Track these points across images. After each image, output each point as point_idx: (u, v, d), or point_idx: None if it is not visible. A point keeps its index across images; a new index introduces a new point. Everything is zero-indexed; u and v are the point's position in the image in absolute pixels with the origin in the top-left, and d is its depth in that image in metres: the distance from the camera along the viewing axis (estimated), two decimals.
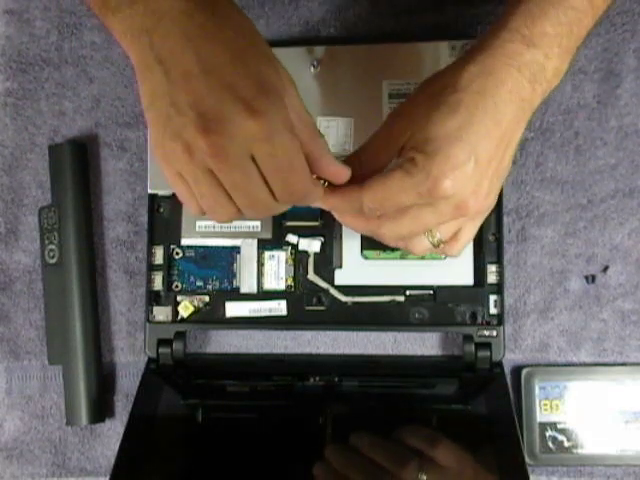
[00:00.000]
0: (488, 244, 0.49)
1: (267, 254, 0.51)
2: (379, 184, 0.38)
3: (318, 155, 0.37)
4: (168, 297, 0.51)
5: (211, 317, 0.51)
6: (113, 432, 0.53)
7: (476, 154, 0.37)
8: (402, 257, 0.50)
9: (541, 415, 0.49)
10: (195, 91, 0.34)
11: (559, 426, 0.49)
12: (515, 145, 0.39)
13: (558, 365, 0.50)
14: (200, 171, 0.35)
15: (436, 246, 0.41)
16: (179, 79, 0.34)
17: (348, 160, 0.40)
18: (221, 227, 0.51)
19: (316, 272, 0.51)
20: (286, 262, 0.51)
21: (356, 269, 0.50)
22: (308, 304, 0.50)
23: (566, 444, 0.49)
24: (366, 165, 0.40)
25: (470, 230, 0.42)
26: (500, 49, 0.37)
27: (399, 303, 0.50)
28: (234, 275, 0.51)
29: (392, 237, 0.40)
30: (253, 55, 0.35)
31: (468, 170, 0.37)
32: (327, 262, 0.51)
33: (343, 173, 0.39)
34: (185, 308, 0.51)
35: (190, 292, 0.51)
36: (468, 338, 0.48)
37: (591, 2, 0.38)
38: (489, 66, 0.37)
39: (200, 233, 0.51)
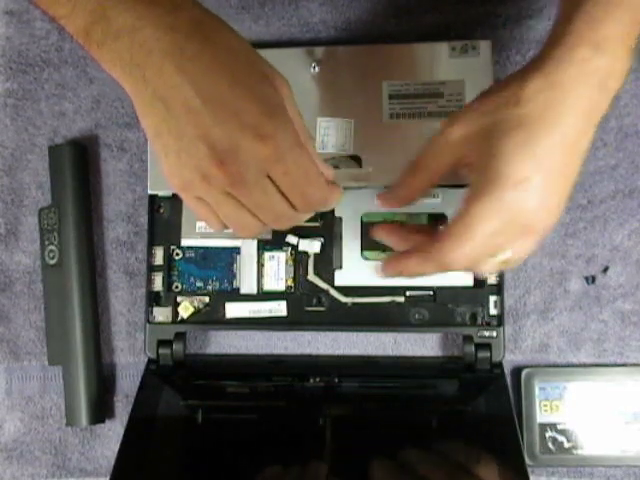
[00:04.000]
0: None
1: (267, 255, 0.51)
2: (461, 227, 0.37)
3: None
4: (168, 298, 0.51)
5: (211, 318, 0.51)
6: (113, 433, 0.53)
7: (544, 169, 0.36)
8: None
9: (541, 416, 0.49)
10: (201, 124, 0.34)
11: (559, 427, 0.49)
12: (583, 155, 0.37)
13: (558, 366, 0.50)
14: (221, 195, 0.36)
15: (504, 263, 0.39)
16: (182, 114, 0.34)
17: (408, 170, 0.40)
18: None
19: (316, 273, 0.51)
20: (286, 263, 0.51)
21: (356, 270, 0.50)
22: (308, 305, 0.50)
23: (566, 445, 0.49)
24: (423, 173, 0.40)
25: (534, 245, 0.39)
26: (567, 57, 0.36)
27: (399, 304, 0.50)
28: (234, 276, 0.51)
29: (462, 266, 0.38)
30: (250, 75, 0.35)
31: (535, 186, 0.35)
32: (327, 263, 0.51)
33: (329, 174, 0.40)
34: (185, 309, 0.51)
35: (190, 293, 0.51)
36: (468, 339, 0.48)
37: None
38: (555, 78, 0.36)
39: (200, 234, 0.51)
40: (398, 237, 0.44)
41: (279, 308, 0.50)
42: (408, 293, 0.50)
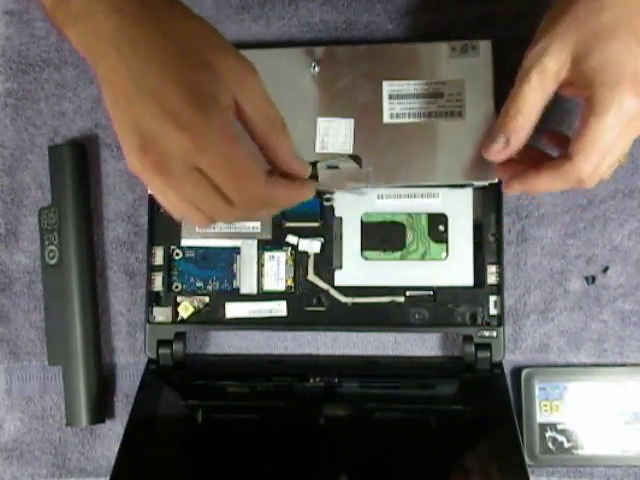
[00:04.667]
0: (488, 245, 0.49)
1: (267, 255, 0.51)
2: (586, 144, 0.38)
3: (275, 149, 0.37)
4: (168, 298, 0.51)
5: (211, 318, 0.51)
6: (113, 433, 0.53)
7: None
8: (402, 258, 0.50)
9: (541, 416, 0.49)
10: (133, 111, 0.33)
11: (559, 427, 0.49)
12: None
13: (558, 366, 0.50)
14: (160, 186, 0.35)
15: (618, 163, 0.42)
16: (121, 100, 0.33)
17: (509, 115, 0.40)
18: (221, 228, 0.51)
19: (316, 273, 0.51)
20: (286, 263, 0.51)
21: (356, 270, 0.50)
22: (308, 305, 0.50)
23: (566, 445, 0.49)
24: (529, 110, 0.40)
25: None
26: None
27: (399, 304, 0.50)
28: (234, 276, 0.51)
29: (594, 180, 0.40)
30: (185, 61, 0.33)
31: None
32: (327, 263, 0.51)
33: (303, 170, 0.39)
34: (185, 309, 0.51)
35: (190, 293, 0.51)
36: (468, 339, 0.48)
37: None
38: None
39: (200, 234, 0.51)
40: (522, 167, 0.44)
41: (279, 308, 0.50)
42: (408, 293, 0.50)
